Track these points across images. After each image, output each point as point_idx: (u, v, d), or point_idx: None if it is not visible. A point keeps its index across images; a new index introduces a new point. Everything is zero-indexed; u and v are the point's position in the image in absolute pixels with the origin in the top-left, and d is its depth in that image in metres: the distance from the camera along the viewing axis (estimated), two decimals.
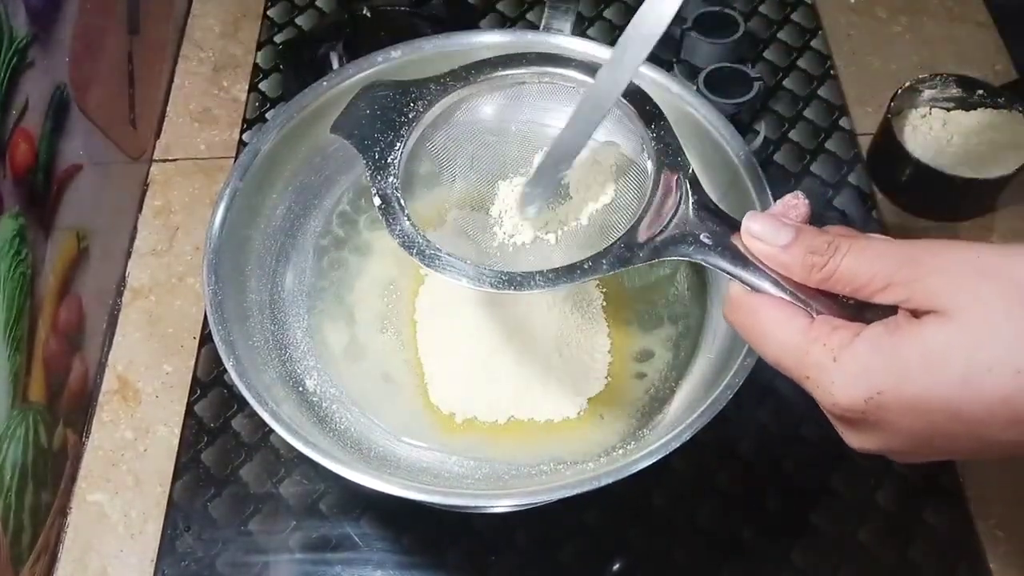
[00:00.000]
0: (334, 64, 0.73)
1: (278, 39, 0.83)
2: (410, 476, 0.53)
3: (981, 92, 0.71)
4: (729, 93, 0.72)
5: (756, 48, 0.81)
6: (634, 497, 0.59)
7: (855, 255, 0.36)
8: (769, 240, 0.38)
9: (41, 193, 0.58)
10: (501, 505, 0.55)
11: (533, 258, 0.49)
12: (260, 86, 0.80)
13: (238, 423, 0.62)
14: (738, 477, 0.60)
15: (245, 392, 0.49)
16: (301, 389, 0.56)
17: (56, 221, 0.60)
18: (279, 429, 0.48)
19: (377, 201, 0.45)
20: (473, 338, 0.58)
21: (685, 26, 0.76)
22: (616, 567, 0.57)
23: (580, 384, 0.57)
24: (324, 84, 0.58)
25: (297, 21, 0.84)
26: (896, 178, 0.71)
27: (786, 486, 0.60)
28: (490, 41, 0.59)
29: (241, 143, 0.76)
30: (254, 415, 0.50)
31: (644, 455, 0.46)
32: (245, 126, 0.77)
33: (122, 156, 0.71)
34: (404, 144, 0.47)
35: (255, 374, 0.50)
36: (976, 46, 0.81)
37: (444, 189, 0.52)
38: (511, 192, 0.49)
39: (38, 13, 0.57)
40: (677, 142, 0.46)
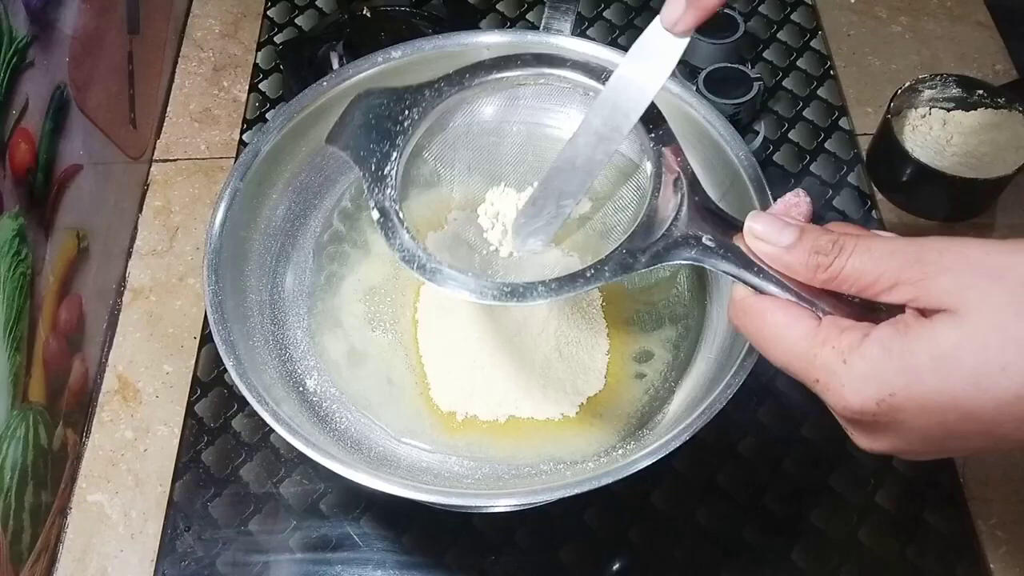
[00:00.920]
0: (334, 64, 0.73)
1: (278, 39, 0.83)
2: (410, 476, 0.53)
3: (981, 92, 0.71)
4: (729, 93, 0.72)
5: (756, 48, 0.81)
6: (634, 497, 0.59)
7: (861, 254, 0.36)
8: (772, 240, 0.38)
9: (41, 193, 0.58)
10: (501, 505, 0.55)
11: (533, 264, 0.48)
12: (260, 86, 0.80)
13: (238, 423, 0.63)
14: (738, 477, 0.60)
15: (245, 392, 0.49)
16: (301, 389, 0.56)
17: (56, 221, 0.60)
18: (279, 429, 0.48)
19: (376, 215, 0.44)
20: (474, 337, 0.58)
21: None
22: (616, 567, 0.57)
23: (580, 384, 0.57)
24: (324, 84, 0.58)
25: (297, 21, 0.84)
26: (896, 178, 0.71)
27: (786, 486, 0.60)
28: (490, 41, 0.59)
29: (241, 143, 0.76)
30: (254, 415, 0.50)
31: (644, 455, 0.46)
32: (245, 126, 0.77)
33: (122, 156, 0.71)
34: (400, 154, 0.46)
35: (255, 374, 0.50)
36: (976, 46, 0.81)
37: (442, 193, 0.52)
38: (508, 198, 0.49)
39: (38, 13, 0.57)
40: (677, 143, 0.45)
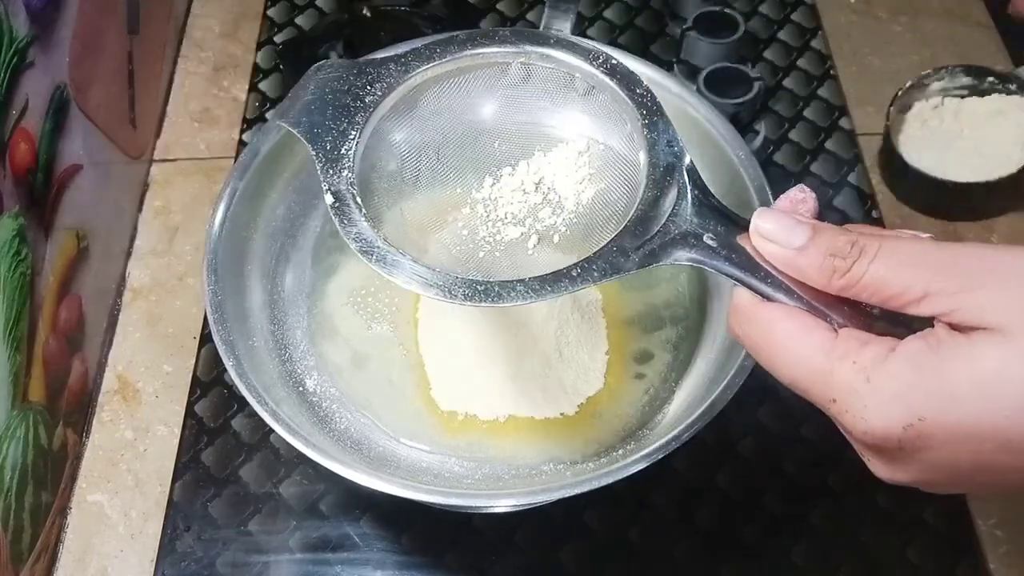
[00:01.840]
0: None
1: (278, 39, 0.83)
2: (410, 476, 0.53)
3: (992, 79, 0.71)
4: (729, 93, 0.72)
5: (756, 48, 0.81)
6: (634, 497, 0.59)
7: (885, 259, 0.32)
8: (782, 241, 0.34)
9: (41, 193, 0.58)
10: (501, 505, 0.55)
11: (514, 261, 0.43)
12: (260, 86, 0.80)
13: (238, 423, 0.62)
14: (738, 477, 0.60)
15: (245, 392, 0.49)
16: (301, 389, 0.56)
17: (56, 221, 0.60)
18: (279, 429, 0.48)
19: (329, 199, 0.40)
20: (474, 337, 0.58)
21: (685, 26, 0.76)
22: (616, 567, 0.57)
23: (579, 384, 0.57)
24: None
25: (297, 21, 0.84)
26: (901, 176, 0.71)
27: (786, 486, 0.60)
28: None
29: (241, 143, 0.76)
30: (254, 415, 0.50)
31: (644, 455, 0.46)
32: (245, 126, 0.77)
33: (122, 156, 0.71)
34: (360, 132, 0.41)
35: (255, 374, 0.50)
36: (976, 46, 0.81)
37: (409, 185, 0.45)
38: (488, 188, 0.44)
39: (38, 13, 0.57)
40: (673, 130, 0.40)
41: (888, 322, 0.33)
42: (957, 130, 0.71)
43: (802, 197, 0.36)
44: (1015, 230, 0.70)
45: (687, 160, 0.39)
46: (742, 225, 0.36)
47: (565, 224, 0.43)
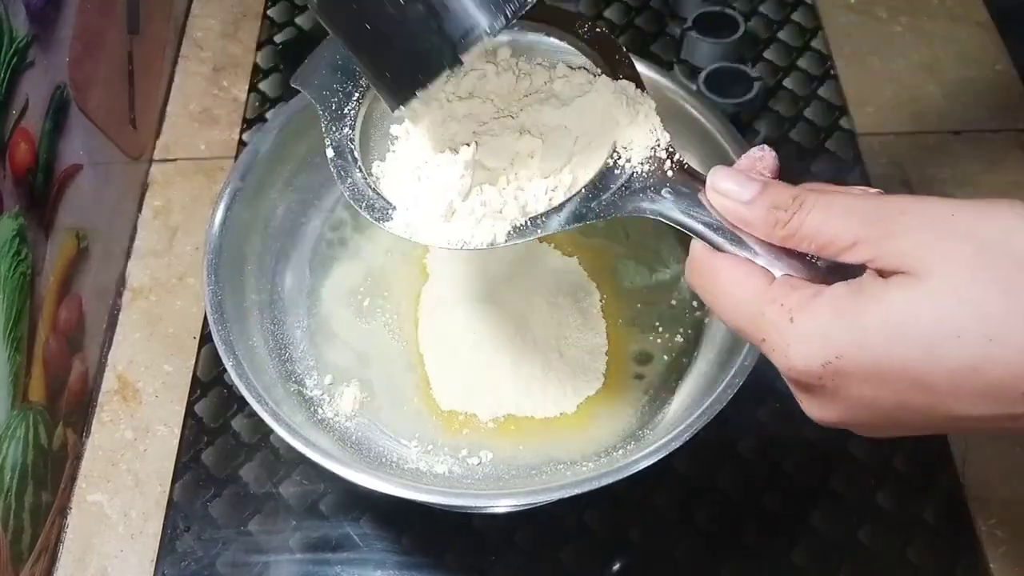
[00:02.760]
0: None
1: (278, 39, 0.83)
2: (410, 476, 0.53)
3: None
4: (729, 93, 0.72)
5: (756, 48, 0.81)
6: (634, 497, 0.59)
7: (821, 210, 0.34)
8: (734, 195, 0.36)
9: (41, 193, 0.58)
10: (501, 505, 0.55)
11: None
12: (260, 86, 0.80)
13: (238, 423, 0.62)
14: (738, 477, 0.60)
15: (245, 392, 0.49)
16: (301, 389, 0.56)
17: (56, 221, 0.60)
18: (279, 429, 0.48)
19: (330, 153, 0.43)
20: (474, 335, 0.58)
21: (685, 26, 0.76)
22: (616, 567, 0.57)
23: (579, 383, 0.57)
24: None
25: (297, 21, 0.84)
26: None
27: (786, 486, 0.60)
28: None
29: (241, 143, 0.76)
30: (254, 415, 0.50)
31: (644, 455, 0.46)
32: (245, 126, 0.77)
33: (122, 156, 0.71)
34: (363, 94, 0.44)
35: (255, 374, 0.50)
36: (976, 46, 0.81)
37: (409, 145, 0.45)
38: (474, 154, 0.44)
39: (38, 13, 0.57)
40: (642, 84, 0.42)
41: (832, 274, 0.35)
42: None
43: (761, 155, 0.38)
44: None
45: (656, 122, 0.41)
46: (702, 181, 0.39)
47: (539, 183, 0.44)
